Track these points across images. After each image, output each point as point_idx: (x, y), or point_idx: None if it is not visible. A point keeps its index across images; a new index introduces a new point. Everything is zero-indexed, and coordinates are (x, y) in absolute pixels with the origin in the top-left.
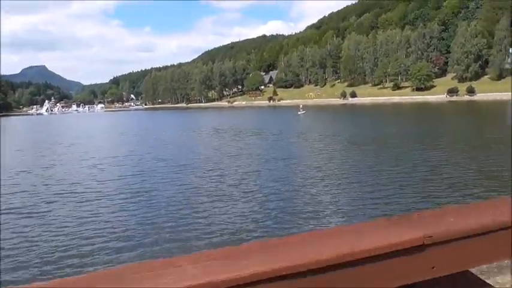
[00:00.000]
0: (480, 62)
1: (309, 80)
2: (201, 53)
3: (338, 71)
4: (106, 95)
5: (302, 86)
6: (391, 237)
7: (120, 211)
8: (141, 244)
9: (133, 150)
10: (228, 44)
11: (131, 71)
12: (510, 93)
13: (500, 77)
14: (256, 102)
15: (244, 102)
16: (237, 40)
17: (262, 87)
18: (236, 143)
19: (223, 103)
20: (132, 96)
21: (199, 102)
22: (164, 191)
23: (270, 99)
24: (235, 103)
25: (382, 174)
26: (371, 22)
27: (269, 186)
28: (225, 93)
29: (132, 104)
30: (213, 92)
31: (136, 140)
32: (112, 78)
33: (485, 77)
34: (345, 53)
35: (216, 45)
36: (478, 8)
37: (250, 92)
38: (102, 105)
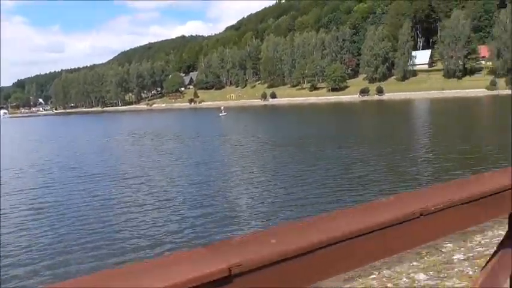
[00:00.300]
0: (387, 64)
1: (230, 81)
2: (116, 54)
3: (258, 72)
4: (10, 100)
5: (223, 87)
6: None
7: (19, 229)
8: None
9: (40, 159)
10: (146, 45)
11: (38, 73)
12: (413, 93)
13: (404, 78)
14: (177, 105)
15: (164, 105)
16: (155, 40)
17: (183, 89)
18: (154, 148)
19: (142, 106)
20: (40, 100)
21: (116, 106)
22: (71, 203)
23: (191, 101)
24: (155, 106)
25: (299, 174)
26: (288, 24)
27: (187, 192)
28: (143, 95)
29: (41, 108)
30: (130, 94)
31: (43, 148)
32: (16, 81)
33: (392, 77)
34: (264, 55)
35: (133, 46)
36: (384, 13)
37: (170, 94)
38: (5, 111)
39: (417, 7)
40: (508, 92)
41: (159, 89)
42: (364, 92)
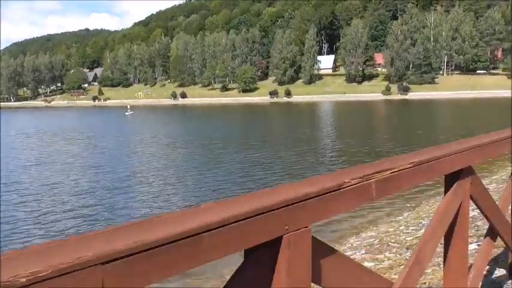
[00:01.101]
0: (295, 67)
1: (138, 79)
2: (8, 44)
3: (168, 71)
4: None
5: (131, 85)
6: None
7: None
8: None
9: None
10: (44, 36)
11: None
12: (319, 96)
13: (311, 81)
14: (79, 102)
15: (64, 102)
16: (55, 32)
17: (86, 85)
18: (46, 149)
19: (39, 102)
20: None
21: (8, 101)
22: None
23: (94, 98)
24: (54, 102)
25: (194, 176)
26: (199, 23)
27: (74, 197)
28: (40, 91)
29: None
30: (25, 89)
31: None
32: None
33: (299, 81)
34: (174, 53)
35: (29, 37)
36: (291, 18)
37: (72, 91)
38: None
39: (321, 14)
40: (400, 97)
41: (59, 85)
42: (273, 94)
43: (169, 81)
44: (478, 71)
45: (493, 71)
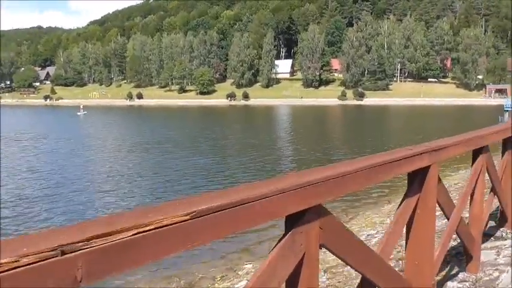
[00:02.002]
0: (253, 70)
1: (93, 79)
2: None
3: (124, 71)
4: None
5: (85, 84)
6: None
7: None
8: None
9: None
10: None
11: None
12: (276, 99)
13: (268, 85)
14: (30, 101)
15: (14, 100)
16: (5, 29)
17: (38, 84)
18: None
19: None
20: None
21: None
22: None
23: (46, 97)
24: (2, 101)
25: (133, 185)
26: (156, 24)
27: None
28: None
29: None
30: None
31: None
32: None
33: (257, 84)
34: (130, 53)
35: None
36: (249, 22)
37: (22, 89)
38: None
39: (279, 19)
40: (355, 102)
41: (8, 83)
42: (231, 96)
43: (125, 81)
44: (429, 79)
45: (443, 79)
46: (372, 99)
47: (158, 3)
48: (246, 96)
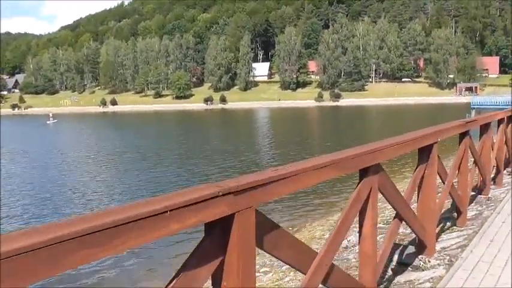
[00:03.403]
0: (230, 74)
1: (65, 86)
2: None
3: (98, 77)
4: None
5: (57, 92)
6: None
7: None
8: None
9: None
10: None
11: None
12: (254, 102)
13: (246, 88)
14: None
15: None
16: None
17: (5, 92)
18: None
19: None
20: None
21: None
22: None
23: (14, 106)
24: None
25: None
26: (131, 28)
27: None
28: None
29: None
30: None
31: None
32: None
33: (235, 87)
34: (103, 59)
35: None
36: (226, 25)
37: None
38: None
39: (256, 21)
40: (332, 103)
41: None
42: (208, 100)
43: (99, 88)
44: (403, 79)
45: (416, 79)
46: (348, 100)
47: (133, 7)
48: (223, 100)
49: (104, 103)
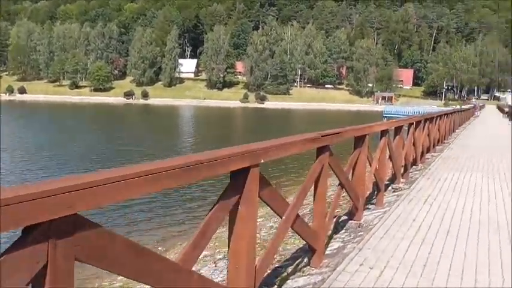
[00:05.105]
0: (155, 68)
1: None
2: None
3: (6, 61)
4: None
5: None
6: None
7: None
8: None
9: None
10: None
11: None
12: (178, 100)
13: (171, 84)
14: None
15: None
16: None
17: None
18: None
19: None
20: None
21: None
22: None
23: None
24: None
25: None
26: (48, 11)
27: None
28: None
29: None
30: None
31: None
32: None
33: (159, 83)
34: (13, 41)
35: None
36: (154, 17)
37: None
38: None
39: (185, 16)
40: (256, 105)
41: None
42: (129, 95)
43: (7, 73)
44: (326, 85)
45: (338, 86)
46: (272, 103)
47: None
48: (145, 95)
49: (11, 90)
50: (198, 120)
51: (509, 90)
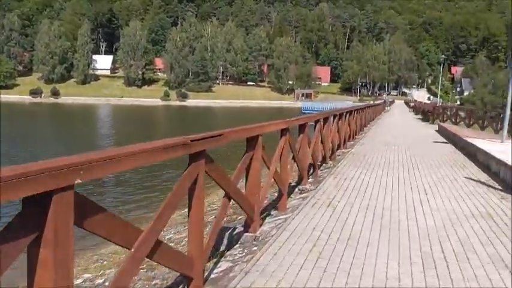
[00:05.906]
0: (66, 64)
1: None
2: None
3: None
4: None
5: None
6: None
7: None
8: None
9: None
10: None
11: None
12: (94, 98)
13: (85, 81)
14: None
15: None
16: None
17: None
18: None
19: None
20: None
21: None
22: None
23: None
24: None
25: None
26: None
27: None
28: None
29: None
30: None
31: None
32: None
33: (72, 80)
34: None
35: None
36: (62, 9)
37: None
38: None
39: (98, 10)
40: (178, 103)
41: None
42: (36, 93)
43: None
44: (248, 83)
45: (260, 83)
46: (195, 101)
47: None
48: (55, 93)
49: None
50: (119, 119)
51: (414, 86)
